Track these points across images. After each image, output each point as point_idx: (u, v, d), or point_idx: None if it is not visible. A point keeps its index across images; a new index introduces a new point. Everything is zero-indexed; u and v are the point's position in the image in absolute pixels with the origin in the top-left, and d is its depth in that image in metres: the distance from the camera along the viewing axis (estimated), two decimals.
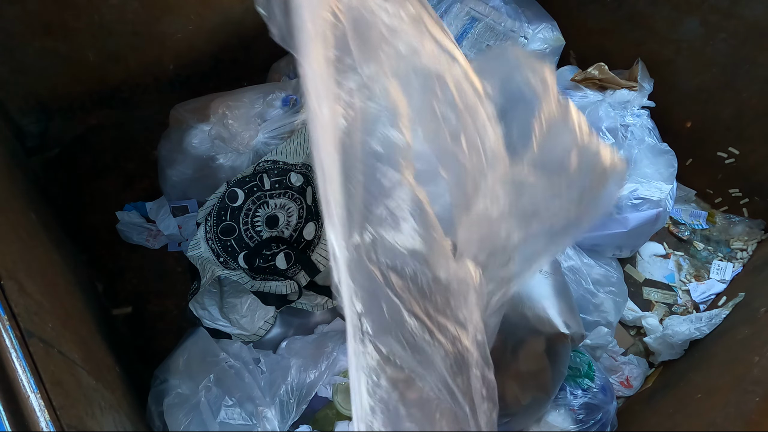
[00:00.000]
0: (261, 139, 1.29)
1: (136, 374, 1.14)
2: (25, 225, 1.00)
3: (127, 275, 1.37)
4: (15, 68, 1.26)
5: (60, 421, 0.62)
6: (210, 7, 1.39)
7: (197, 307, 1.18)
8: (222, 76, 1.55)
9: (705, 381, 1.10)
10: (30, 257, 0.91)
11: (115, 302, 1.33)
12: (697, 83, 1.46)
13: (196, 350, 1.11)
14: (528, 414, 1.06)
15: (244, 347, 1.13)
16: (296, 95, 1.33)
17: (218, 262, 1.19)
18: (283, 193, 1.22)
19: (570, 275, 1.27)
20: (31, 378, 0.61)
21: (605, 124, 1.33)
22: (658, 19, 1.45)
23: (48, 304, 0.83)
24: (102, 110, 1.46)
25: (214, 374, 1.05)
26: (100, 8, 1.24)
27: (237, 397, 1.03)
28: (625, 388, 1.29)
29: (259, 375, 1.09)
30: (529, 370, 1.01)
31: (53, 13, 1.20)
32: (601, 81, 1.46)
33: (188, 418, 1.01)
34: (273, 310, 1.20)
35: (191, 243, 1.21)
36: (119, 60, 1.36)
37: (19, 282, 0.74)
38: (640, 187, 1.31)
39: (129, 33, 1.32)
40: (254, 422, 1.02)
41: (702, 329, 1.27)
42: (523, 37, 1.59)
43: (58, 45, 1.26)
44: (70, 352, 0.80)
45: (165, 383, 1.07)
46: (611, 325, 1.29)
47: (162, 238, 1.40)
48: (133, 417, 0.98)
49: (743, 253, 1.52)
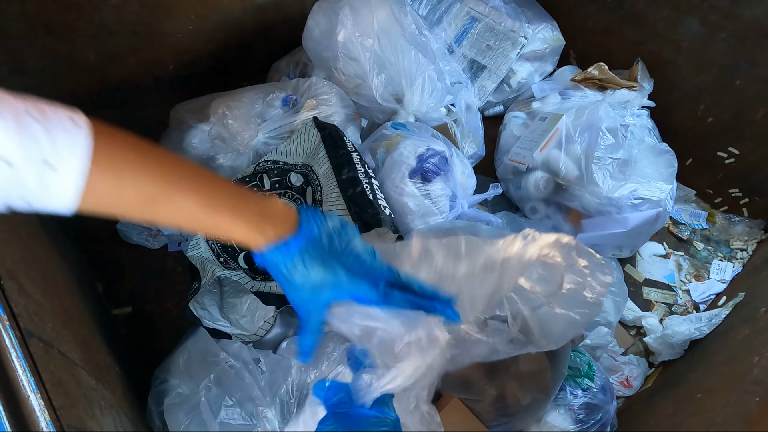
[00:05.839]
0: (261, 139, 1.29)
1: (136, 374, 1.14)
2: (25, 225, 1.00)
3: (127, 275, 1.37)
4: (15, 68, 1.26)
5: (60, 421, 0.62)
6: (210, 7, 1.39)
7: (197, 307, 1.18)
8: (222, 76, 1.55)
9: (705, 381, 1.10)
10: (30, 257, 0.91)
11: (115, 302, 1.33)
12: (697, 83, 1.46)
13: (196, 350, 1.11)
14: (528, 414, 1.06)
15: (244, 347, 1.13)
16: (296, 95, 1.33)
17: (218, 262, 1.19)
18: (283, 194, 1.22)
19: None
20: (31, 378, 0.61)
21: (605, 124, 1.33)
22: (658, 19, 1.45)
23: (48, 304, 0.83)
24: (102, 110, 1.46)
25: (214, 374, 1.05)
26: (100, 8, 1.24)
27: (237, 397, 1.03)
28: (625, 388, 1.29)
29: (260, 375, 1.09)
30: (529, 370, 1.01)
31: (53, 13, 1.20)
32: (601, 81, 1.46)
33: (188, 418, 1.01)
34: (273, 310, 1.20)
35: (191, 243, 1.21)
36: (119, 60, 1.36)
37: (19, 282, 0.74)
38: (640, 187, 1.31)
39: (129, 33, 1.32)
40: (254, 422, 1.02)
41: (702, 329, 1.27)
42: (523, 37, 1.59)
43: (58, 45, 1.25)
44: (70, 352, 0.80)
45: (165, 383, 1.07)
46: (611, 325, 1.29)
47: (162, 238, 1.40)
48: (133, 417, 0.98)
49: (743, 253, 1.52)
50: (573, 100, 1.45)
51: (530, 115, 1.50)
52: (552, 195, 1.40)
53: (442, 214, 1.24)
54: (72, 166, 0.45)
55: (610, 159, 1.32)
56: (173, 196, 0.53)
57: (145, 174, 0.51)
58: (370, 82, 1.34)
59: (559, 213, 1.40)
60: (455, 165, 1.28)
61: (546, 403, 1.07)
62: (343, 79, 1.36)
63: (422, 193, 1.22)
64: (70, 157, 0.45)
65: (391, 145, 1.26)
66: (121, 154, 0.50)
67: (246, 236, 0.57)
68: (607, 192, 1.30)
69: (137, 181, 0.51)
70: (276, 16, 1.50)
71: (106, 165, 0.48)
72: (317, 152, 1.16)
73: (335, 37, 1.32)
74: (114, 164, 0.49)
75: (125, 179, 0.50)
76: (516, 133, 1.51)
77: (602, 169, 1.31)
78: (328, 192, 1.11)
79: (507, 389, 1.01)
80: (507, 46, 1.60)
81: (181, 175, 0.54)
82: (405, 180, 1.21)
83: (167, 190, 0.53)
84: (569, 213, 1.39)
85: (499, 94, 1.65)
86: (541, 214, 1.44)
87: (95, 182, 0.48)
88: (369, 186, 1.10)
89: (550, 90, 1.52)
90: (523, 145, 1.45)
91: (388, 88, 1.37)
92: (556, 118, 1.39)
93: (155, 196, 0.52)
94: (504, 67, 1.61)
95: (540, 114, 1.47)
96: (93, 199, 0.49)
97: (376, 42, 1.32)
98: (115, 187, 0.50)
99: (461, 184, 1.30)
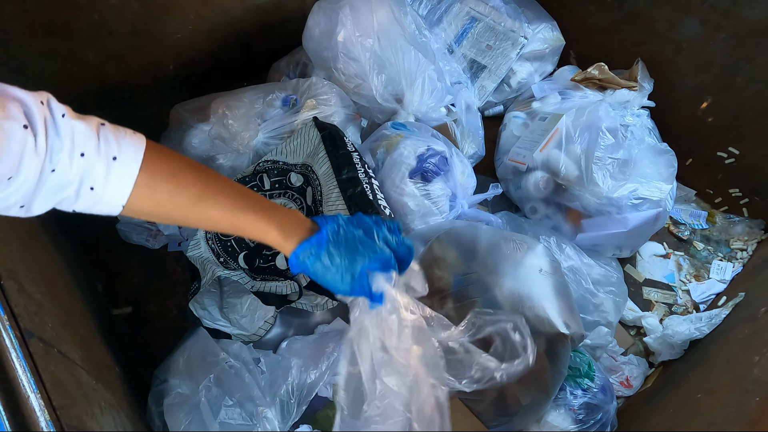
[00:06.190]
0: (261, 139, 1.29)
1: (136, 374, 1.14)
2: (25, 225, 1.00)
3: (127, 275, 1.37)
4: (15, 68, 1.26)
5: (60, 421, 0.62)
6: (210, 7, 1.39)
7: (197, 307, 1.18)
8: (222, 76, 1.55)
9: (705, 381, 1.10)
10: (30, 257, 0.91)
11: (115, 302, 1.33)
12: (697, 83, 1.46)
13: (196, 350, 1.11)
14: (528, 414, 1.06)
15: (244, 347, 1.13)
16: (296, 95, 1.33)
17: (218, 262, 1.19)
18: (283, 193, 1.22)
19: (570, 275, 1.27)
20: (31, 378, 0.61)
21: (605, 124, 1.33)
22: (658, 19, 1.45)
23: (48, 304, 0.83)
24: (102, 110, 1.45)
25: (214, 374, 1.05)
26: (100, 8, 1.24)
27: (237, 397, 1.03)
28: (625, 388, 1.29)
29: (260, 375, 1.09)
30: (529, 370, 1.01)
31: (53, 13, 1.20)
32: (601, 81, 1.46)
33: (188, 418, 1.01)
34: (273, 310, 1.20)
35: (191, 243, 1.21)
36: (119, 60, 1.36)
37: (19, 282, 0.74)
38: (640, 187, 1.31)
39: (129, 33, 1.32)
40: (254, 422, 1.02)
41: (702, 329, 1.27)
42: (523, 37, 1.59)
43: (58, 45, 1.25)
44: (70, 352, 0.80)
45: (165, 383, 1.07)
46: (611, 325, 1.29)
47: (162, 238, 1.40)
48: (133, 417, 0.98)
49: (743, 253, 1.52)
50: (573, 100, 1.45)
51: (530, 115, 1.50)
52: (552, 195, 1.40)
53: (442, 214, 1.24)
54: (131, 161, 0.56)
55: (610, 159, 1.32)
56: (216, 196, 0.63)
57: (193, 176, 0.62)
58: (370, 82, 1.34)
59: (559, 213, 1.41)
60: (455, 165, 1.28)
61: (546, 403, 1.07)
62: (343, 79, 1.36)
63: (422, 193, 1.22)
64: (133, 154, 0.56)
65: (391, 145, 1.26)
66: (172, 159, 0.61)
67: (276, 236, 0.67)
68: (607, 192, 1.30)
69: (188, 182, 0.61)
70: (276, 16, 1.50)
71: (163, 167, 0.59)
72: (317, 152, 1.16)
73: (335, 37, 1.32)
74: (170, 166, 0.60)
75: (180, 179, 0.60)
76: (516, 133, 1.51)
77: (602, 169, 1.31)
78: (328, 192, 1.11)
79: (507, 389, 1.01)
80: (507, 46, 1.60)
81: (218, 179, 0.65)
82: (405, 180, 1.21)
83: (211, 190, 0.63)
84: (569, 213, 1.39)
85: (499, 94, 1.65)
86: (541, 214, 1.44)
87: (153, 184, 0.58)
88: (369, 186, 1.10)
89: (550, 90, 1.52)
90: (523, 145, 1.45)
91: (388, 88, 1.37)
92: (556, 118, 1.39)
93: (201, 196, 0.62)
94: (504, 67, 1.61)
95: (540, 114, 1.47)
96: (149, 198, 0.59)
97: (376, 42, 1.32)
98: (170, 187, 0.60)
99: (461, 184, 1.30)
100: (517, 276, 1.03)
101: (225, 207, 0.63)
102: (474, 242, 1.09)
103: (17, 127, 0.49)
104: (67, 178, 0.54)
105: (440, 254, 1.08)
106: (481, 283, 1.02)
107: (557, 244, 1.31)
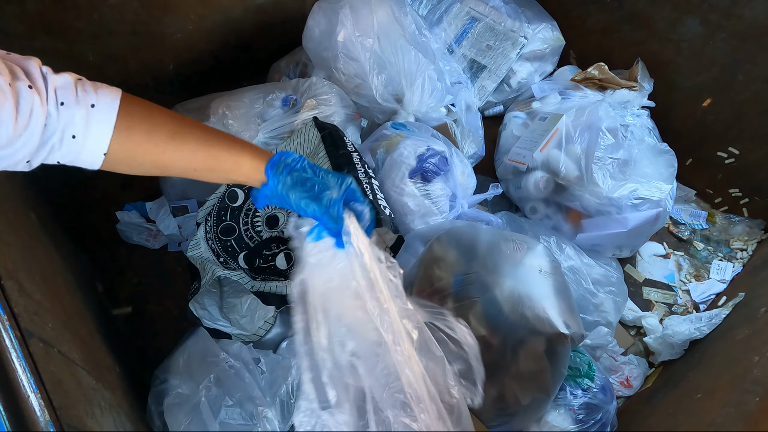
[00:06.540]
0: (261, 139, 1.29)
1: (136, 374, 1.14)
2: (25, 225, 1.00)
3: (127, 275, 1.37)
4: None
5: (60, 421, 0.62)
6: (210, 7, 1.39)
7: (197, 307, 1.18)
8: (222, 76, 1.55)
9: (705, 381, 1.10)
10: (30, 257, 0.91)
11: (115, 302, 1.33)
12: (697, 83, 1.46)
13: (196, 350, 1.11)
14: (528, 414, 1.06)
15: (244, 347, 1.13)
16: (296, 95, 1.33)
17: (218, 262, 1.19)
18: None
19: (570, 275, 1.27)
20: (31, 378, 0.61)
21: (605, 124, 1.33)
22: (658, 19, 1.45)
23: (48, 304, 0.83)
24: None
25: (214, 374, 1.05)
26: (100, 8, 1.24)
27: (237, 397, 1.03)
28: (625, 388, 1.29)
29: (260, 375, 1.09)
30: (529, 370, 1.01)
31: (53, 13, 1.20)
32: (601, 81, 1.46)
33: (188, 418, 1.01)
34: (273, 310, 1.20)
35: (191, 243, 1.21)
36: (119, 60, 1.36)
37: (19, 282, 0.74)
38: (640, 187, 1.31)
39: (129, 33, 1.32)
40: (254, 422, 1.02)
41: (702, 329, 1.27)
42: (523, 37, 1.59)
43: (58, 45, 1.25)
44: (70, 352, 0.80)
45: (165, 383, 1.07)
46: (611, 325, 1.29)
47: (162, 238, 1.40)
48: (133, 417, 0.98)
49: (743, 253, 1.52)
50: (573, 100, 1.45)
51: (530, 115, 1.50)
52: (552, 195, 1.40)
53: (442, 214, 1.24)
54: (109, 107, 0.61)
55: (610, 159, 1.32)
56: (191, 129, 0.68)
57: (167, 116, 0.66)
58: (370, 82, 1.34)
59: (559, 213, 1.41)
60: (455, 165, 1.28)
61: (546, 403, 1.07)
62: (343, 79, 1.36)
63: (422, 193, 1.22)
64: (110, 101, 0.61)
65: (391, 145, 1.26)
66: (147, 104, 0.66)
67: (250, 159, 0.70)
68: (607, 192, 1.30)
69: (163, 121, 0.66)
70: (276, 16, 1.50)
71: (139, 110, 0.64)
72: (317, 152, 1.16)
73: (335, 37, 1.32)
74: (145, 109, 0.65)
75: (155, 119, 0.65)
76: (516, 133, 1.51)
77: (602, 169, 1.31)
78: None
79: (507, 389, 1.01)
80: (507, 46, 1.60)
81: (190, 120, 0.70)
82: (405, 180, 1.21)
83: (185, 125, 0.67)
84: (569, 213, 1.39)
85: (499, 94, 1.65)
86: (541, 214, 1.44)
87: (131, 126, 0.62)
88: (369, 186, 1.10)
89: (550, 90, 1.52)
90: (523, 145, 1.45)
91: (388, 88, 1.37)
92: (556, 118, 1.39)
93: (177, 131, 0.66)
94: (504, 67, 1.61)
95: (540, 114, 1.47)
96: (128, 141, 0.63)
97: (376, 42, 1.32)
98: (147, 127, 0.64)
99: (461, 184, 1.30)
100: (517, 276, 1.03)
101: (200, 139, 0.68)
102: (474, 242, 1.09)
103: (24, 87, 0.54)
104: (53, 128, 0.58)
105: (440, 254, 1.08)
106: (481, 283, 1.02)
107: (557, 244, 1.31)
